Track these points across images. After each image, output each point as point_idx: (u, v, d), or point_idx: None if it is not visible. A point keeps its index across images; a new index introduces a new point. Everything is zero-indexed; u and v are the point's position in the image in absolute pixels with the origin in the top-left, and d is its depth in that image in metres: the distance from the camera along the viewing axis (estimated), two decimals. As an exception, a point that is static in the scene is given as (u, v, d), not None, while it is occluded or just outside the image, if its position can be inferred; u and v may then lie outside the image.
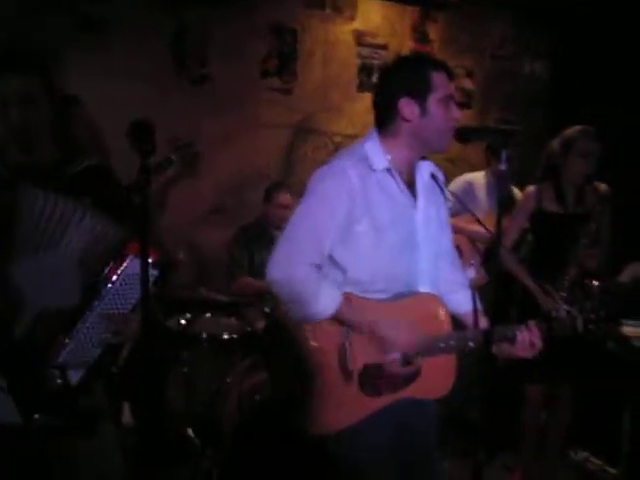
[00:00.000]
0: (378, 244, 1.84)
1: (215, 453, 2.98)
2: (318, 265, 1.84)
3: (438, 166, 2.04)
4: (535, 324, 1.94)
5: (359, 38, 4.60)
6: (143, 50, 3.93)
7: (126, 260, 1.83)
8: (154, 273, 1.83)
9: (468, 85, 4.96)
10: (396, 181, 1.89)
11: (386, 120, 1.90)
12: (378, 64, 4.54)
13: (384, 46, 4.65)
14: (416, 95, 1.84)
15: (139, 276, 1.61)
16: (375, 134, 1.93)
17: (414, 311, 1.88)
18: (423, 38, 4.82)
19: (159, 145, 1.61)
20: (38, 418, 1.78)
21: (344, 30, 4.57)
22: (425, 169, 1.98)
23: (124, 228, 1.84)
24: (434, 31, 4.84)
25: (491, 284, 3.37)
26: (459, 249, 3.33)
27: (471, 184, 3.87)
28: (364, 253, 1.84)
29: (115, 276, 1.83)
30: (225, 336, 3.22)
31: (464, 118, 2.05)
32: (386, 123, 1.91)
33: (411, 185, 1.94)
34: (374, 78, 4.46)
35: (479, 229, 3.27)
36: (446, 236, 2.05)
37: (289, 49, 4.41)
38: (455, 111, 1.87)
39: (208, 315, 3.38)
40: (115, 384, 1.99)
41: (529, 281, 3.00)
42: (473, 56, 4.97)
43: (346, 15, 4.56)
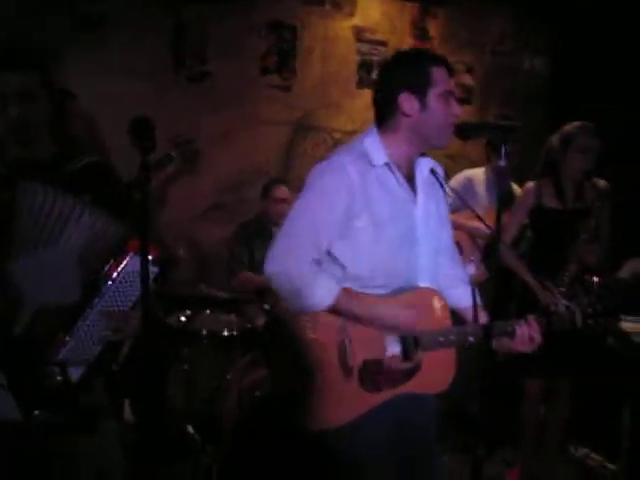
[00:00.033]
0: (378, 239, 1.84)
1: (215, 449, 2.98)
2: (316, 260, 1.84)
3: (438, 162, 2.04)
4: (534, 319, 1.95)
5: (358, 34, 4.60)
6: (142, 48, 3.93)
7: (126, 257, 1.83)
8: (154, 270, 1.83)
9: (468, 81, 4.96)
10: (395, 176, 1.89)
11: (386, 115, 1.90)
12: (377, 60, 4.54)
13: (384, 42, 4.64)
14: (416, 90, 1.84)
15: (139, 273, 1.62)
16: (375, 130, 1.93)
17: (414, 306, 1.87)
18: (423, 34, 4.81)
19: (158, 143, 1.62)
20: (38, 415, 1.78)
21: (343, 26, 4.56)
22: (425, 165, 1.98)
23: (124, 225, 1.84)
24: (434, 27, 4.84)
25: (491, 280, 3.39)
26: (459, 245, 3.34)
27: (471, 180, 3.87)
28: (364, 249, 1.84)
29: (115, 273, 1.83)
30: (225, 333, 3.23)
31: (464, 114, 2.05)
32: (386, 119, 1.90)
33: (411, 181, 1.94)
34: (374, 74, 4.46)
35: (479, 225, 3.28)
36: (446, 231, 2.05)
37: (288, 46, 4.40)
38: (455, 107, 1.87)
39: (208, 312, 3.38)
40: (116, 381, 1.99)
41: (529, 277, 3.00)
42: (473, 52, 4.97)
43: (345, 11, 4.56)
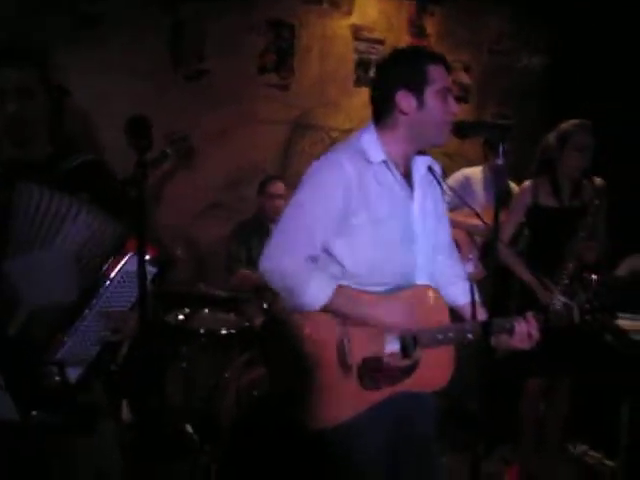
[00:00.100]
0: (375, 237, 1.84)
1: (213, 448, 2.99)
2: (312, 257, 1.83)
3: (436, 161, 2.04)
4: (532, 315, 1.95)
5: (356, 33, 4.60)
6: (140, 46, 3.93)
7: (125, 257, 1.82)
8: (152, 270, 1.83)
9: (465, 79, 4.96)
10: (393, 174, 1.89)
11: (383, 113, 1.90)
12: (375, 59, 4.53)
13: (381, 41, 4.64)
14: (413, 88, 1.84)
15: (137, 273, 1.61)
16: (372, 127, 1.93)
17: (412, 303, 1.88)
18: (420, 32, 4.81)
19: (156, 141, 1.61)
20: (36, 415, 1.77)
21: (341, 25, 4.56)
22: (422, 162, 1.97)
23: (122, 224, 1.83)
24: (431, 25, 4.84)
25: (489, 278, 3.40)
26: (457, 244, 3.31)
27: (468, 179, 3.87)
28: (361, 246, 1.84)
29: (113, 273, 1.82)
30: (223, 331, 3.23)
31: (461, 113, 2.05)
32: (383, 116, 1.90)
33: (408, 178, 1.94)
34: (371, 73, 4.46)
35: (477, 222, 3.28)
36: (443, 228, 2.05)
37: (286, 44, 4.40)
38: (453, 104, 1.87)
39: (206, 310, 3.38)
40: (114, 381, 1.99)
41: (527, 275, 3.00)
42: (470, 51, 4.97)
43: (343, 10, 4.56)
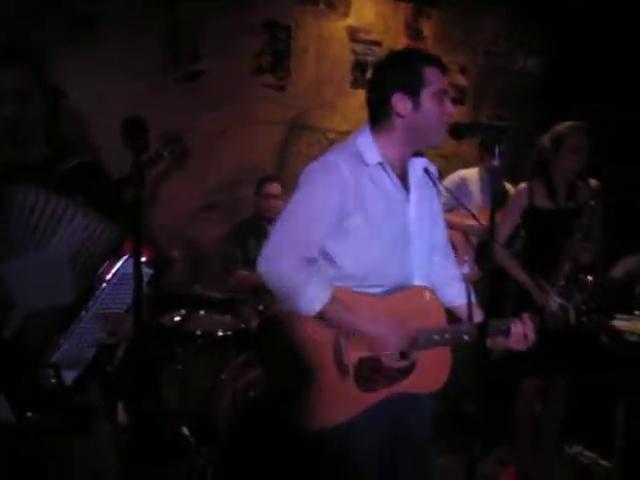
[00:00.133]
0: (371, 238, 1.85)
1: (210, 450, 2.98)
2: (309, 259, 1.84)
3: (432, 162, 2.05)
4: (529, 317, 1.96)
5: (353, 34, 4.60)
6: (137, 47, 3.92)
7: (121, 259, 1.81)
8: (149, 272, 1.82)
9: (461, 81, 4.97)
10: (389, 176, 1.89)
11: (380, 116, 1.90)
12: (372, 60, 4.55)
13: (378, 42, 4.65)
14: (409, 90, 1.84)
15: (133, 275, 1.61)
16: (367, 129, 1.93)
17: (408, 304, 1.88)
18: (417, 34, 4.82)
19: (152, 142, 1.61)
20: (31, 417, 1.77)
21: (338, 26, 4.57)
22: (418, 164, 1.98)
23: (118, 226, 1.83)
24: (428, 27, 4.85)
25: (485, 280, 3.40)
26: (453, 245, 3.33)
27: (464, 180, 3.88)
28: (357, 248, 1.84)
29: (110, 275, 1.81)
30: (219, 333, 3.22)
31: (458, 114, 2.06)
32: (380, 119, 1.91)
33: (404, 180, 1.94)
34: (368, 74, 4.47)
35: (473, 223, 3.29)
36: (439, 230, 2.06)
37: (283, 45, 4.40)
38: (449, 106, 1.87)
39: (202, 312, 3.38)
40: (110, 383, 1.98)
41: (523, 276, 3.00)
42: (466, 52, 4.98)
43: (340, 11, 4.56)
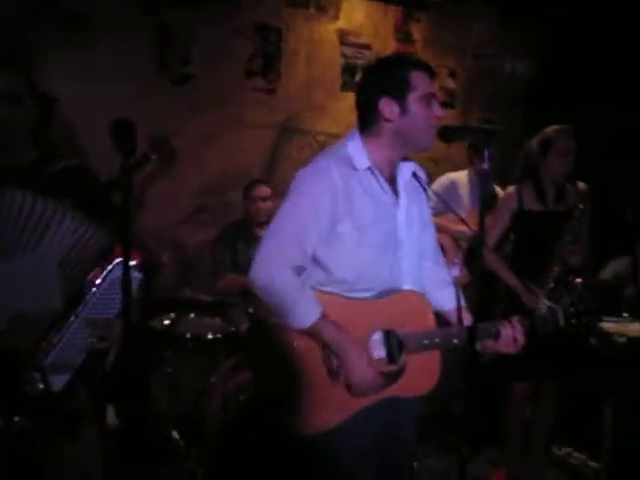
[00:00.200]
0: (361, 244, 1.85)
1: (199, 453, 2.97)
2: (300, 266, 1.84)
3: (421, 166, 2.05)
4: (518, 320, 1.97)
5: (343, 38, 4.61)
6: (126, 49, 3.90)
7: (111, 263, 1.81)
8: (138, 276, 1.82)
9: (451, 85, 4.99)
10: (378, 180, 1.90)
11: (368, 120, 1.91)
12: (361, 64, 4.55)
13: (368, 46, 4.66)
14: (396, 94, 1.85)
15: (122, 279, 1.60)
16: (357, 134, 1.94)
17: (398, 308, 1.88)
18: (406, 38, 4.84)
19: (141, 145, 1.60)
20: (18, 421, 1.76)
21: (328, 29, 4.57)
22: (407, 168, 1.98)
23: (107, 229, 1.82)
24: (417, 31, 4.86)
25: (474, 283, 3.41)
26: (442, 248, 3.35)
27: (454, 183, 3.89)
28: (347, 253, 1.85)
29: (100, 280, 1.81)
30: (209, 336, 3.21)
31: (447, 118, 2.06)
32: (368, 123, 1.91)
33: (393, 184, 1.95)
34: (357, 77, 4.47)
35: (462, 228, 3.30)
36: (429, 234, 2.06)
37: (273, 48, 4.40)
38: (437, 109, 1.88)
39: (192, 315, 3.37)
40: (99, 386, 1.97)
41: (512, 280, 3.00)
42: (456, 56, 5.00)
43: (330, 14, 4.57)
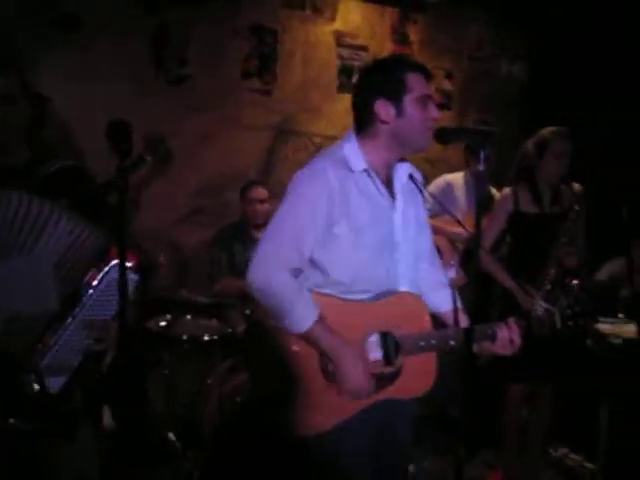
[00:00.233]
0: (357, 246, 1.85)
1: (196, 455, 2.97)
2: (298, 268, 1.84)
3: (417, 167, 2.06)
4: (514, 321, 1.97)
5: (339, 39, 4.62)
6: (123, 50, 3.91)
7: (108, 265, 1.80)
8: (134, 278, 1.81)
9: (447, 87, 5.00)
10: (374, 182, 1.90)
11: (364, 122, 1.91)
12: (358, 65, 4.56)
13: (364, 47, 4.66)
14: (391, 96, 1.86)
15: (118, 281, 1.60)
16: (353, 136, 1.94)
17: (394, 310, 1.88)
18: (403, 40, 4.84)
19: (138, 146, 1.60)
20: (13, 423, 1.75)
21: (324, 31, 4.58)
22: (403, 170, 1.99)
23: (103, 230, 1.82)
24: (414, 32, 4.87)
25: (471, 285, 3.41)
26: (439, 250, 3.36)
27: (450, 185, 3.89)
28: (344, 254, 1.85)
29: (96, 282, 1.80)
30: (206, 337, 3.21)
31: (443, 119, 2.07)
32: (364, 125, 1.92)
33: (389, 186, 1.95)
34: (354, 79, 4.48)
35: (458, 230, 3.31)
36: (425, 236, 2.06)
37: (269, 50, 4.40)
38: (433, 111, 1.88)
39: (189, 317, 3.36)
40: (95, 387, 1.97)
41: (509, 282, 3.01)
42: (452, 58, 5.01)
43: (326, 16, 4.57)
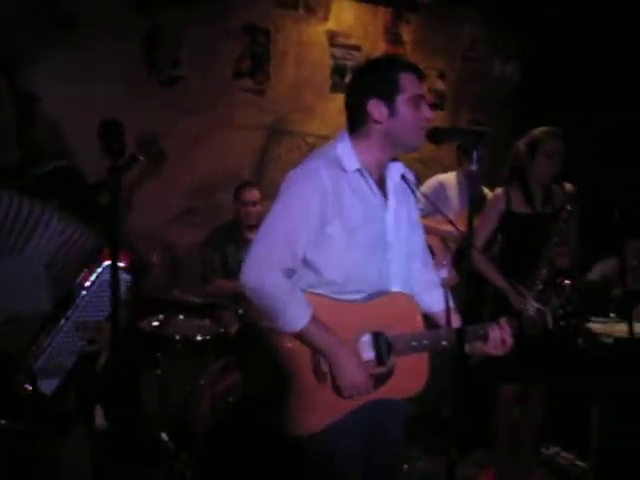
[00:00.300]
0: (350, 245, 1.85)
1: (189, 455, 2.97)
2: (291, 268, 1.84)
3: (410, 167, 2.06)
4: (506, 321, 1.98)
5: (332, 39, 4.62)
6: (115, 51, 3.90)
7: (100, 266, 1.80)
8: (127, 278, 1.81)
9: (440, 86, 5.01)
10: (367, 182, 1.90)
11: (357, 122, 1.92)
12: (351, 65, 4.56)
13: (357, 47, 4.67)
14: (384, 96, 1.86)
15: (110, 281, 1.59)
16: (346, 135, 1.94)
17: (387, 310, 1.89)
18: (396, 39, 4.85)
19: (130, 146, 1.60)
20: (5, 424, 1.75)
21: (317, 31, 4.58)
22: (396, 170, 1.99)
23: (95, 231, 1.81)
24: (407, 32, 4.88)
25: (463, 285, 3.42)
26: (431, 249, 3.37)
27: (442, 184, 3.90)
28: (336, 254, 1.85)
29: (89, 283, 1.80)
30: (198, 338, 3.21)
31: (436, 119, 2.07)
32: (357, 125, 1.92)
33: (382, 186, 1.95)
34: (347, 79, 4.48)
35: (451, 229, 3.31)
36: (417, 236, 2.07)
37: (262, 49, 4.40)
38: (426, 111, 1.88)
39: (181, 317, 3.36)
40: (88, 388, 1.96)
41: (501, 281, 3.01)
42: (445, 58, 5.02)
43: (319, 16, 4.58)
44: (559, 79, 4.55)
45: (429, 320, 2.04)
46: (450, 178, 3.95)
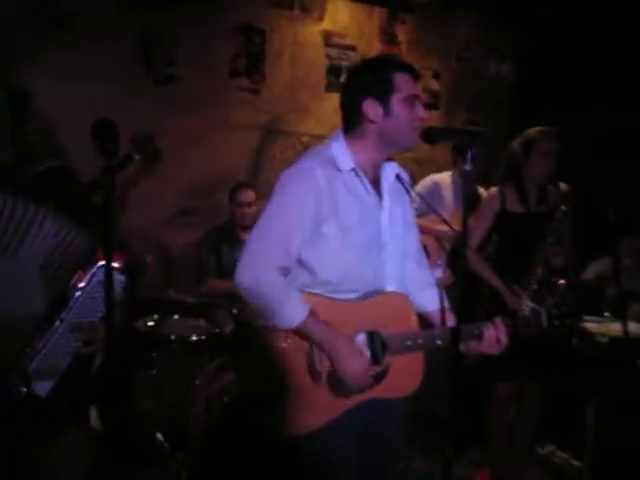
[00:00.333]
0: (345, 244, 1.85)
1: (184, 455, 2.96)
2: (285, 267, 1.84)
3: (405, 167, 2.06)
4: (501, 320, 1.98)
5: (327, 39, 4.62)
6: (111, 50, 3.89)
7: (94, 267, 1.80)
8: (121, 279, 1.81)
9: (435, 86, 5.01)
10: (362, 182, 1.90)
11: (352, 122, 1.92)
12: (346, 65, 4.56)
13: (352, 47, 4.67)
14: (379, 96, 1.86)
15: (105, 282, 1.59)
16: (341, 135, 1.95)
17: (382, 310, 1.89)
18: (391, 39, 4.85)
19: (125, 146, 1.60)
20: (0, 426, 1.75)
21: (312, 30, 4.58)
22: (390, 170, 1.99)
23: (89, 231, 1.81)
24: (402, 32, 4.88)
25: (458, 284, 3.42)
26: (426, 249, 3.36)
27: (437, 184, 3.91)
28: (331, 254, 1.85)
29: (83, 284, 1.80)
30: (193, 338, 3.20)
31: (431, 119, 2.07)
32: (352, 125, 1.92)
33: (377, 185, 1.96)
34: (342, 79, 4.48)
35: (445, 229, 3.31)
36: (412, 236, 2.07)
37: (257, 49, 4.40)
38: (421, 111, 1.89)
39: (176, 317, 3.35)
40: (83, 389, 1.96)
41: (496, 281, 3.02)
42: (440, 58, 5.03)
43: (314, 15, 4.57)
44: (554, 79, 4.55)
45: (424, 320, 2.05)
46: (445, 178, 3.95)
